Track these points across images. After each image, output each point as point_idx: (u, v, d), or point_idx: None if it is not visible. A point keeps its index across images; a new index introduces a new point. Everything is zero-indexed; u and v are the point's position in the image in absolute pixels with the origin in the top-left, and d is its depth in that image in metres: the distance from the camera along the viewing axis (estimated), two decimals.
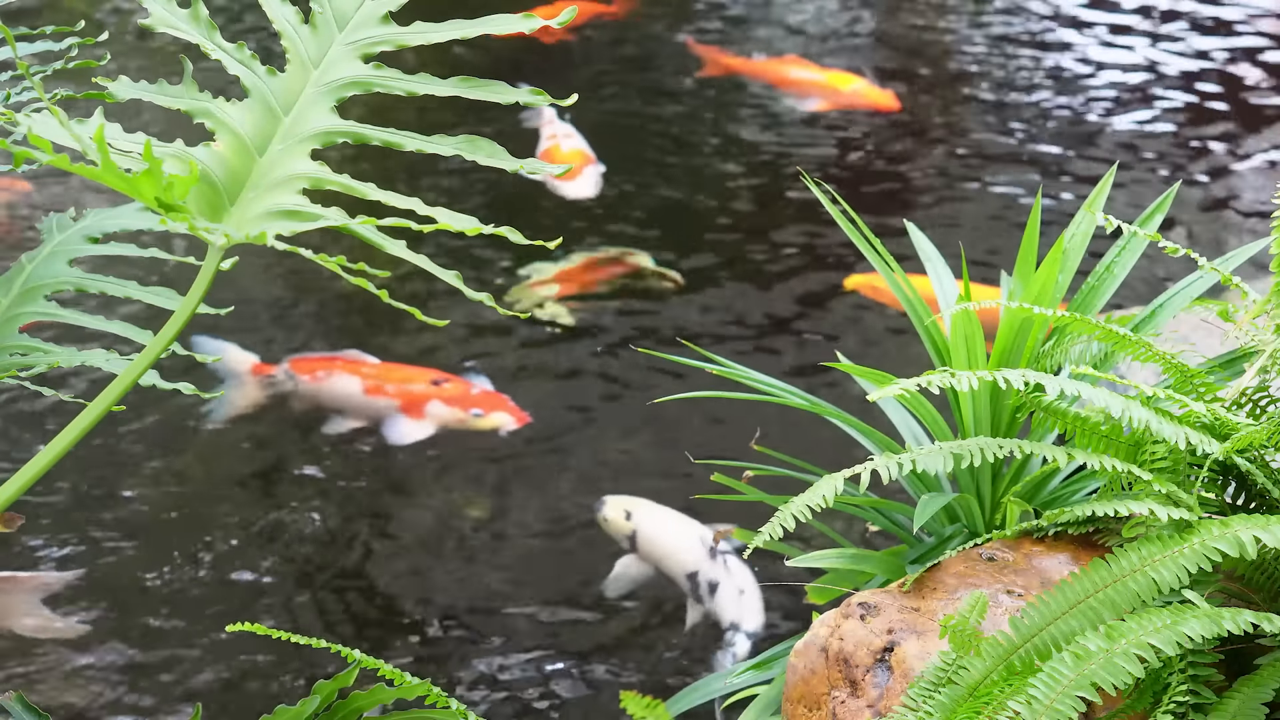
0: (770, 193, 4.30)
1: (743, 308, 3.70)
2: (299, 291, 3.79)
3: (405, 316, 1.72)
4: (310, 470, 3.09)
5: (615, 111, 4.81)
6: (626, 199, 4.21)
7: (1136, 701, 1.27)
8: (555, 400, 3.33)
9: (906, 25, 5.66)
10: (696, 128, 4.72)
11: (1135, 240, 1.82)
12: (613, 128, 4.65)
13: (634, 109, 4.87)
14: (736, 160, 4.48)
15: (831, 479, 1.35)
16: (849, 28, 5.63)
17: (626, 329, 3.59)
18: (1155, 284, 3.55)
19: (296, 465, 3.11)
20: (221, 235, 1.24)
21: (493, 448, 3.12)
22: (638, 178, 4.34)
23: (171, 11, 1.41)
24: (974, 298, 1.61)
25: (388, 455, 3.12)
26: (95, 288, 1.63)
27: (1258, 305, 1.53)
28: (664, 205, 4.24)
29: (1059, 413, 1.44)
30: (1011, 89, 5.03)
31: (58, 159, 1.14)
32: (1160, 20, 5.54)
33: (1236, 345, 1.65)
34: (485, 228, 1.24)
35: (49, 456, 1.24)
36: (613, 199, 4.17)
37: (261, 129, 1.37)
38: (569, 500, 3.01)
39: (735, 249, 3.99)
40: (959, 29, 5.65)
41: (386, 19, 1.42)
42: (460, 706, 1.45)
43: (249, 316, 3.58)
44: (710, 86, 4.97)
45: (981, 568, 1.47)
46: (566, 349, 3.53)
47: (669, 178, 4.39)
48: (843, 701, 1.41)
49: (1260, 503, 1.44)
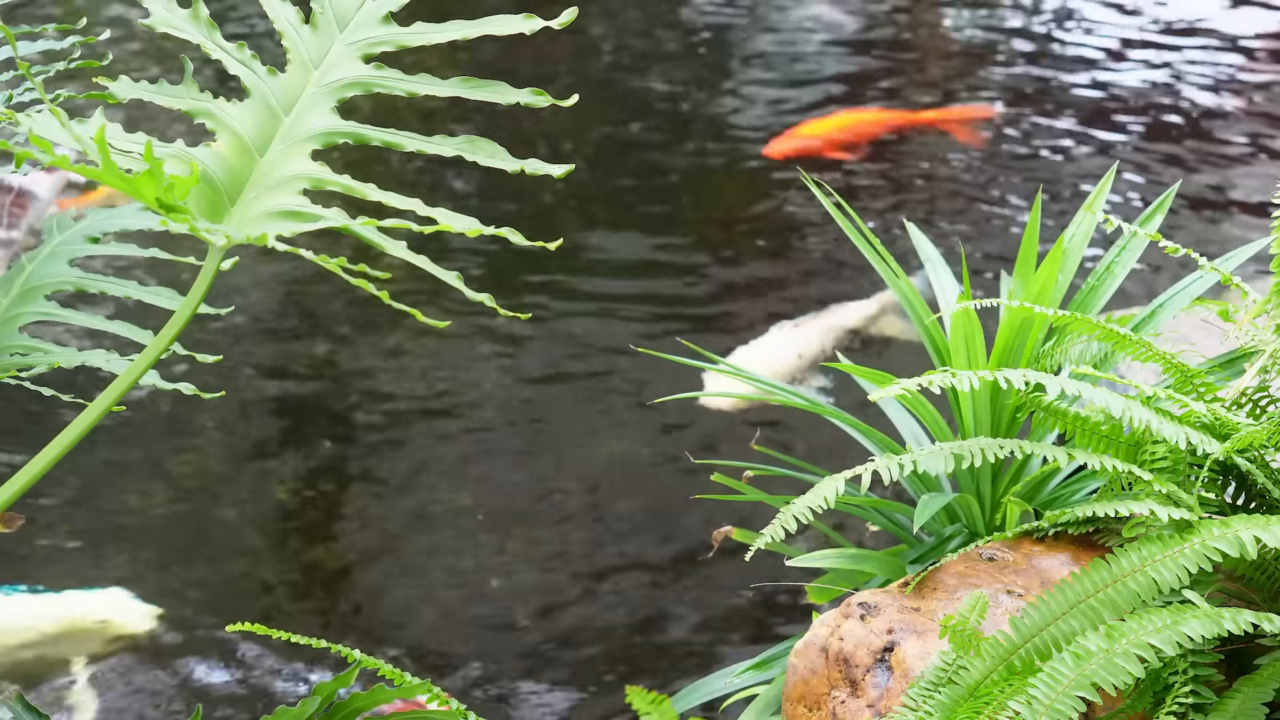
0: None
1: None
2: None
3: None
4: None
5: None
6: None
7: (1137, 702, 1.27)
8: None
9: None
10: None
11: (1135, 240, 1.82)
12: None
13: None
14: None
15: (832, 480, 1.35)
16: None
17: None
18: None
19: None
20: (222, 236, 1.24)
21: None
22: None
23: (172, 11, 1.41)
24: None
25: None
26: (95, 288, 1.62)
27: (1258, 305, 1.53)
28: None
29: (1059, 413, 1.44)
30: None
31: (58, 159, 1.14)
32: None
33: (1236, 345, 1.65)
34: (486, 229, 1.24)
35: (49, 457, 1.24)
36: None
37: (262, 129, 1.37)
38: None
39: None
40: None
41: (387, 19, 1.42)
42: (460, 706, 1.45)
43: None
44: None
45: (981, 568, 1.47)
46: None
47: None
48: (843, 701, 1.41)
49: (1260, 503, 1.44)
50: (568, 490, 3.05)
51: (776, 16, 5.64)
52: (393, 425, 3.26)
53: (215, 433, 3.24)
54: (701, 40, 5.45)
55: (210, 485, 3.09)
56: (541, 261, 3.82)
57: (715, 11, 5.66)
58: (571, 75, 5.12)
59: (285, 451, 3.19)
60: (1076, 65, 5.14)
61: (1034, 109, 4.81)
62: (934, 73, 5.19)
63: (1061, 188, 4.26)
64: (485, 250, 3.88)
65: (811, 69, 5.19)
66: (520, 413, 3.30)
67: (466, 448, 3.17)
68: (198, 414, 3.25)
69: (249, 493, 3.06)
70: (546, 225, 4.10)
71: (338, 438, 3.26)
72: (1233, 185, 4.31)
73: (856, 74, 5.18)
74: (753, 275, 3.89)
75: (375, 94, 1.39)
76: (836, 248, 3.90)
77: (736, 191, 4.33)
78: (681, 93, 4.99)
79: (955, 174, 4.38)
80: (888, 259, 1.87)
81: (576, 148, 4.59)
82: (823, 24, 5.58)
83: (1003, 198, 4.22)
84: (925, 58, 5.35)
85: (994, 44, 5.44)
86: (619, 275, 3.85)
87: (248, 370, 3.44)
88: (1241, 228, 4.04)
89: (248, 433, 3.25)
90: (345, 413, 3.34)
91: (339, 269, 1.24)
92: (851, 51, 5.40)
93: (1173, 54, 5.19)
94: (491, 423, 3.26)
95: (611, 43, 5.51)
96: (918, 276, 2.43)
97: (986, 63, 5.23)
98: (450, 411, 3.29)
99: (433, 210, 1.27)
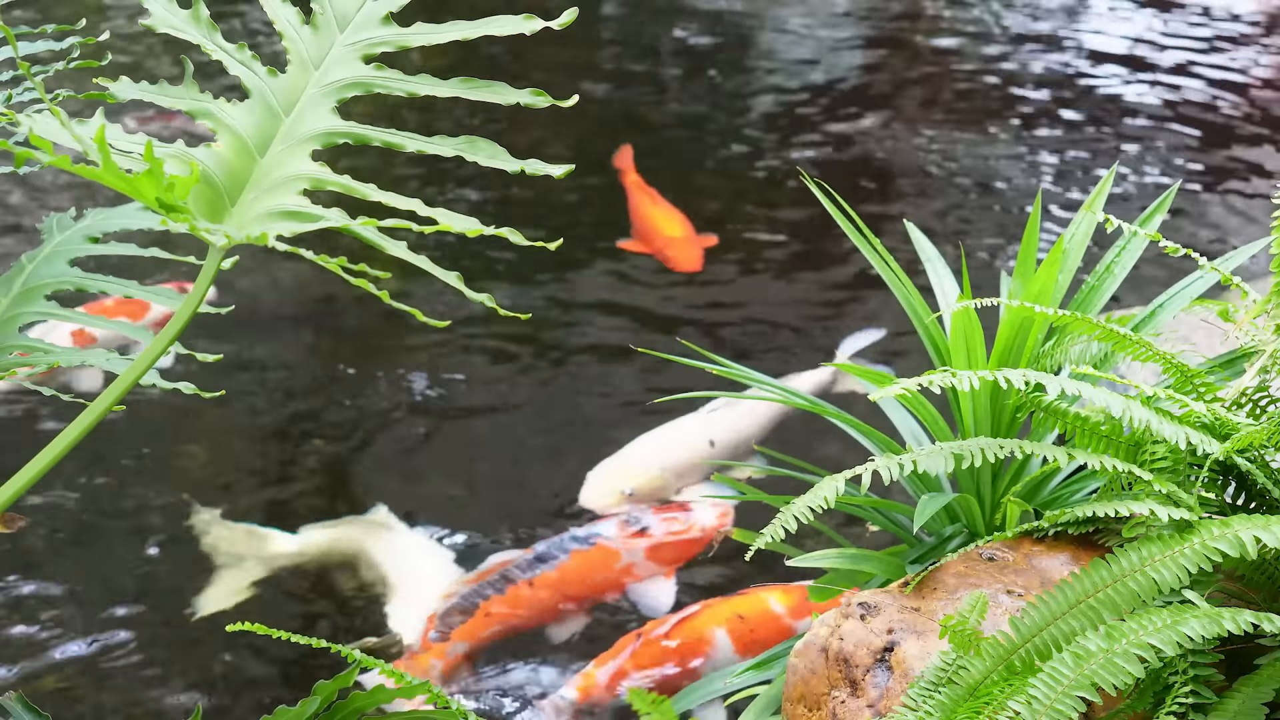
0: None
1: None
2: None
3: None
4: None
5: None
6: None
7: (1137, 701, 1.27)
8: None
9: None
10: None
11: (1136, 240, 1.82)
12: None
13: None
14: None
15: (832, 479, 1.35)
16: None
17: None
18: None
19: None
20: (222, 236, 1.24)
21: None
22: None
23: (172, 12, 1.41)
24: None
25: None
26: (95, 288, 1.62)
27: (1258, 305, 1.53)
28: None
29: (1059, 413, 1.44)
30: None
31: (59, 159, 1.14)
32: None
33: (1236, 345, 1.65)
34: (486, 229, 1.24)
35: (49, 457, 1.24)
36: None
37: (262, 130, 1.37)
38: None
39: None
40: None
41: (388, 20, 1.42)
42: (460, 706, 1.45)
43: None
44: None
45: (981, 568, 1.47)
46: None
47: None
48: (843, 701, 1.41)
49: (1260, 503, 1.44)
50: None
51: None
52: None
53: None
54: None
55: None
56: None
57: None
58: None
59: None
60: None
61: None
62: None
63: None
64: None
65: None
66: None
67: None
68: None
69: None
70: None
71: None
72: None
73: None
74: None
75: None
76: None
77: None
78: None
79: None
80: (886, 258, 1.87)
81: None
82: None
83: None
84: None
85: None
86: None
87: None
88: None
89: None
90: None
91: (339, 269, 1.24)
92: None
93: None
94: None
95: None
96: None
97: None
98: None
99: (433, 210, 1.27)
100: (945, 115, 4.94)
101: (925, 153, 4.65)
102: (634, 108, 5.04)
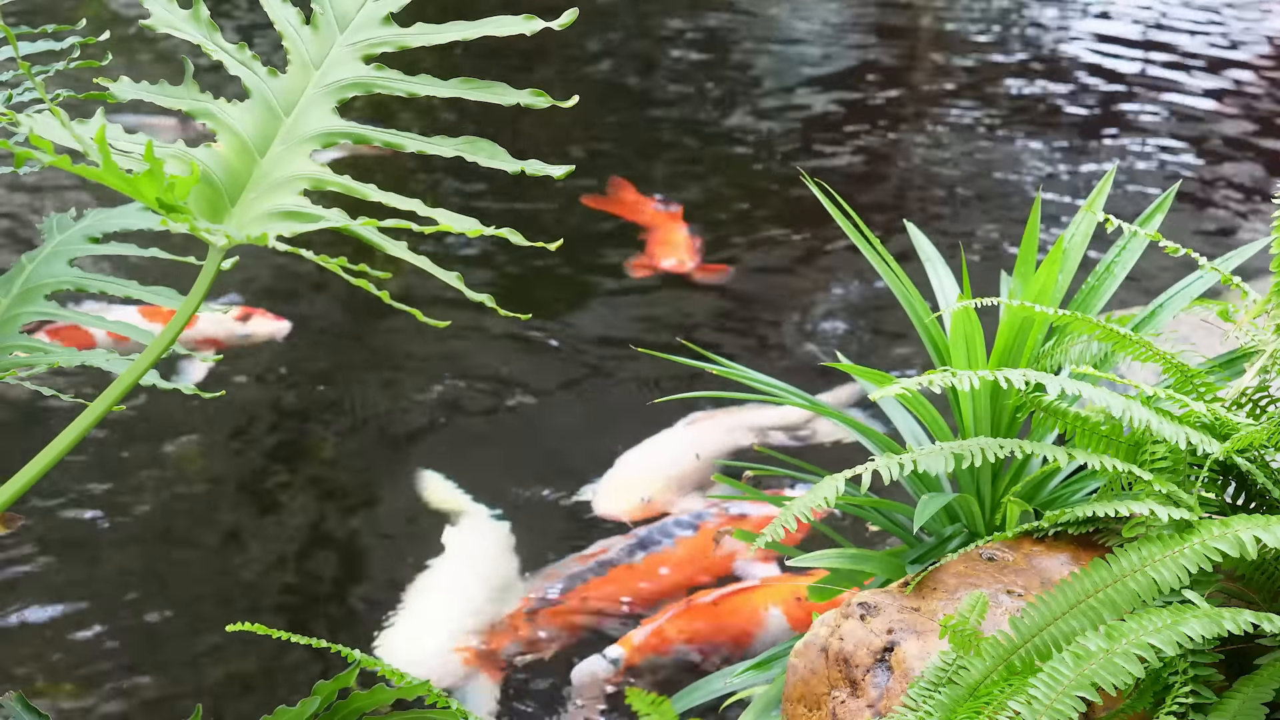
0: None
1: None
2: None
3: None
4: None
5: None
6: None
7: (1137, 702, 1.27)
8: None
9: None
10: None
11: (1136, 240, 1.82)
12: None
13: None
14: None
15: (832, 479, 1.35)
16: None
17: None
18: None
19: None
20: (222, 236, 1.24)
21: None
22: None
23: (172, 12, 1.41)
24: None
25: None
26: (95, 287, 1.62)
27: (1258, 305, 1.53)
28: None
29: (1059, 413, 1.44)
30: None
31: (59, 160, 1.14)
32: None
33: (1236, 345, 1.65)
34: (486, 229, 1.24)
35: (49, 457, 1.24)
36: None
37: (262, 130, 1.37)
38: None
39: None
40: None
41: (388, 20, 1.42)
42: (459, 706, 1.45)
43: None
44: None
45: (981, 568, 1.47)
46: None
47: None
48: (843, 701, 1.41)
49: (1260, 503, 1.44)
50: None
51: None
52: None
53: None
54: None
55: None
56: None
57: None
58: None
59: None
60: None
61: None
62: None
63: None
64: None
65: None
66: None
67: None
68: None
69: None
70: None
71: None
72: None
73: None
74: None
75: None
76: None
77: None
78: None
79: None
80: (885, 256, 1.87)
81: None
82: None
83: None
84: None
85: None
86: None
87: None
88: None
89: None
90: None
91: (339, 269, 1.24)
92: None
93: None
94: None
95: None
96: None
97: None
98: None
99: (433, 211, 1.27)
100: (944, 115, 4.94)
101: (925, 151, 4.65)
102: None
